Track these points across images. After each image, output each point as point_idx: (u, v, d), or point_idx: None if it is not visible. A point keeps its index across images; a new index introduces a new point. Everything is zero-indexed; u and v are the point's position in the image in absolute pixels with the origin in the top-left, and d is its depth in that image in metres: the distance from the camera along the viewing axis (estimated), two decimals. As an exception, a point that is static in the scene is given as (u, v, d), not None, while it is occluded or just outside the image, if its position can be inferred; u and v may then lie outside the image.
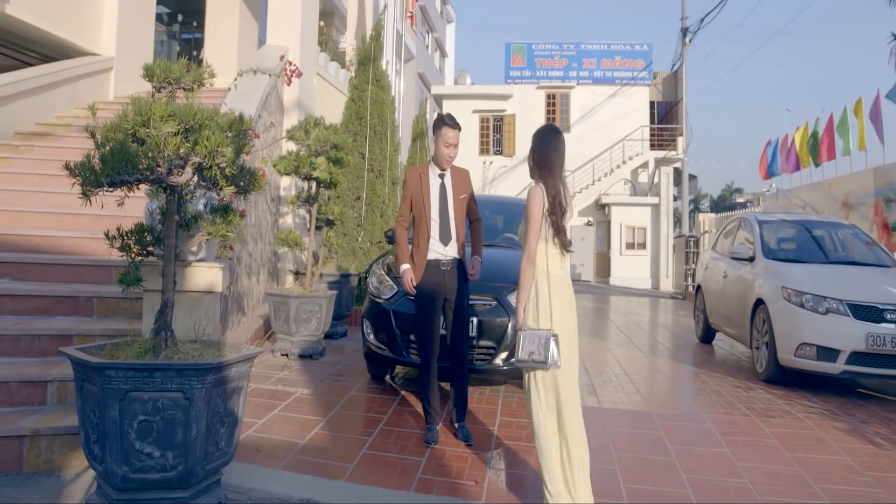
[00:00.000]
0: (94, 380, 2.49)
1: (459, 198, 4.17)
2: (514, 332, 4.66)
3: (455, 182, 4.16)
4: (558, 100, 26.41)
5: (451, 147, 4.05)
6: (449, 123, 4.04)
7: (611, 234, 24.67)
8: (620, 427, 4.55)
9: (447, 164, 4.12)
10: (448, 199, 4.12)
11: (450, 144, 4.04)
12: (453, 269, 4.06)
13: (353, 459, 3.58)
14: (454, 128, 4.04)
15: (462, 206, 4.17)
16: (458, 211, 4.14)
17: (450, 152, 4.07)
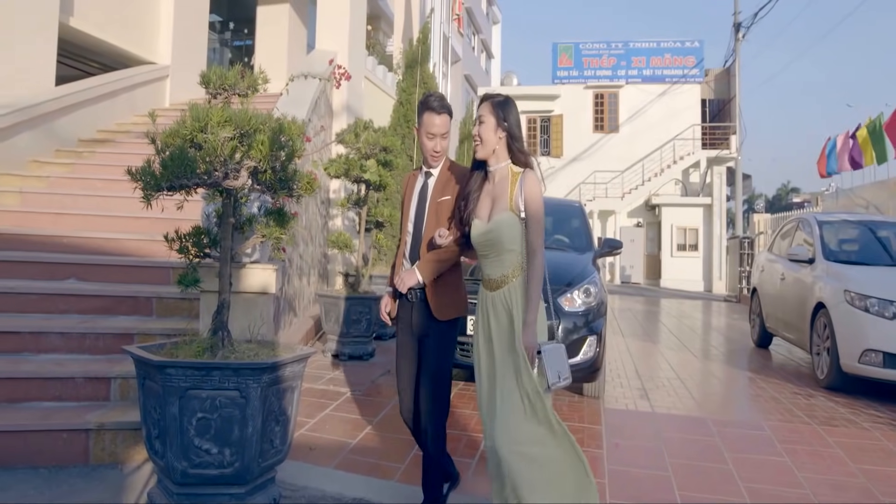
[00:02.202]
0: (155, 378, 2.56)
1: (437, 201, 2.98)
2: (565, 335, 4.63)
3: (440, 182, 3.01)
4: (606, 99, 26.07)
5: (435, 139, 2.97)
6: (433, 107, 2.97)
7: (661, 235, 24.20)
8: (674, 433, 4.45)
9: (434, 161, 3.04)
10: (425, 205, 3.02)
11: (433, 135, 2.97)
12: (421, 302, 2.95)
13: (403, 460, 3.60)
14: (440, 112, 2.95)
15: (440, 213, 2.96)
16: (432, 219, 2.97)
17: (434, 145, 2.99)
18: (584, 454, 2.60)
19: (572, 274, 5.00)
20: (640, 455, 3.97)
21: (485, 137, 2.66)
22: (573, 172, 25.63)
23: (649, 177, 25.01)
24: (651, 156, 25.34)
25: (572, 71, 26.59)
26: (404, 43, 12.91)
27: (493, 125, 2.64)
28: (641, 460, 3.87)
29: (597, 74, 26.46)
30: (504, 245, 2.60)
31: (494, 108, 2.66)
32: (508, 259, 2.61)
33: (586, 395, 5.14)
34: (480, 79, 29.97)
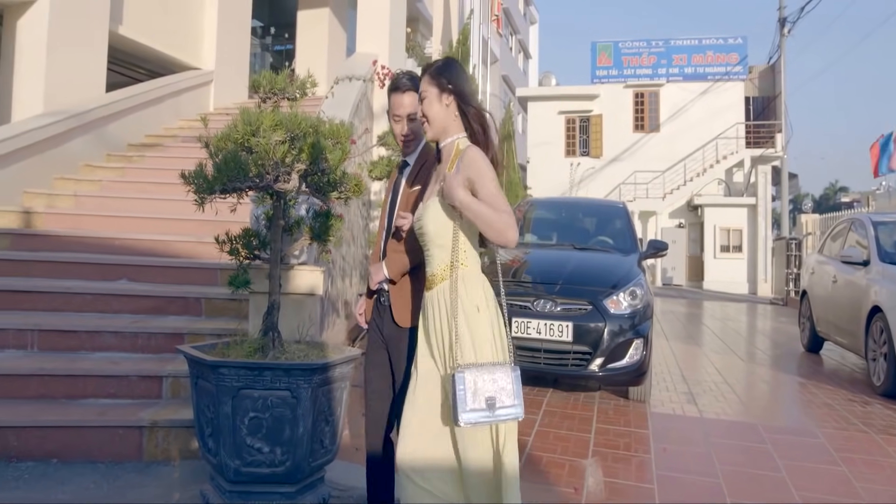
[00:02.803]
0: (208, 377, 2.61)
1: (408, 192, 2.56)
2: (611, 338, 4.57)
3: (414, 171, 2.57)
4: (647, 98, 25.69)
5: (401, 121, 2.54)
6: (397, 86, 2.55)
7: (704, 236, 23.72)
8: (723, 438, 4.35)
9: (406, 148, 2.59)
10: (397, 198, 2.61)
11: (399, 117, 2.54)
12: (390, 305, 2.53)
13: (448, 462, 3.59)
14: (404, 90, 2.52)
15: (409, 205, 2.50)
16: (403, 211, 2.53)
17: (400, 128, 2.55)
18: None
19: (617, 276, 4.94)
20: (689, 460, 3.89)
21: (430, 113, 2.22)
22: (613, 173, 25.32)
23: (691, 177, 24.55)
24: (693, 155, 24.87)
25: (611, 70, 26.27)
26: (443, 45, 12.94)
27: (436, 94, 2.20)
28: (691, 466, 3.79)
29: (637, 73, 26.10)
30: (429, 238, 2.17)
31: (434, 77, 2.22)
32: (437, 256, 2.16)
33: (632, 399, 5.06)
34: (518, 79, 29.87)
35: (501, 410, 1.99)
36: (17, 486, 3.10)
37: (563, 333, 4.56)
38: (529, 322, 4.61)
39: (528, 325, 4.60)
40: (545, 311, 4.66)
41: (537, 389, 5.27)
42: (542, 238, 6.23)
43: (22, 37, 7.89)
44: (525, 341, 4.63)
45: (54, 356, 3.99)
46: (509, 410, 2.00)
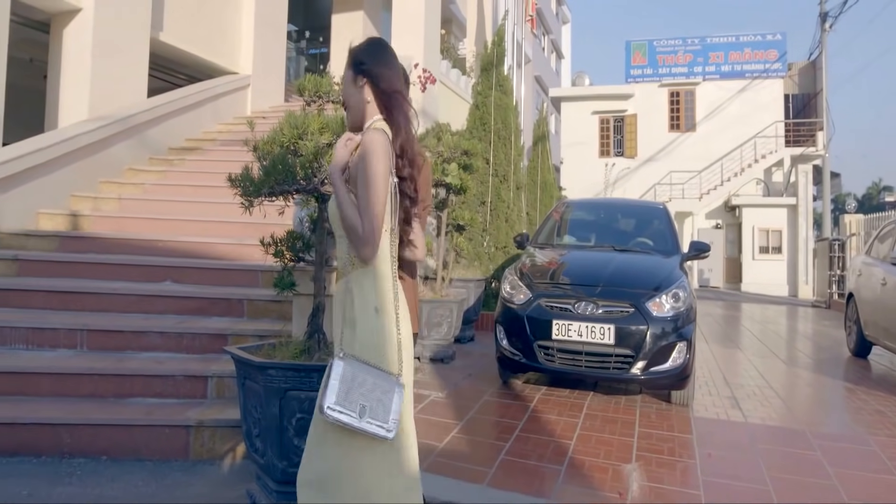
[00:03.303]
0: (256, 378, 2.63)
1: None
2: (653, 341, 4.50)
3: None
4: (683, 97, 25.30)
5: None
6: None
7: (742, 237, 23.24)
8: (770, 444, 4.24)
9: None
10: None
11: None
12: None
13: (492, 464, 3.57)
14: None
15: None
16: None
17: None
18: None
19: (659, 278, 4.86)
20: (735, 467, 3.80)
21: (346, 98, 2.07)
22: (648, 173, 25.00)
23: (728, 176, 24.09)
24: (730, 155, 24.41)
25: (646, 69, 25.95)
26: (477, 46, 12.94)
27: (351, 77, 2.04)
28: (738, 472, 3.70)
29: (672, 72, 25.73)
30: (334, 227, 2.04)
31: (349, 58, 2.08)
32: (339, 247, 2.02)
33: (674, 403, 4.97)
34: (550, 79, 29.69)
35: (369, 423, 1.81)
36: (69, 482, 3.17)
37: (604, 336, 4.50)
38: (570, 324, 4.56)
39: (569, 327, 4.55)
40: (586, 313, 4.60)
41: (577, 392, 5.21)
42: (580, 239, 6.17)
43: (68, 45, 8.11)
44: (566, 344, 4.58)
45: (103, 356, 4.09)
46: (376, 428, 1.82)
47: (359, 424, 1.80)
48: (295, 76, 14.74)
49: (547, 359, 4.66)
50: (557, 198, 13.65)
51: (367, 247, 1.85)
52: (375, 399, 1.82)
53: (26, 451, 3.45)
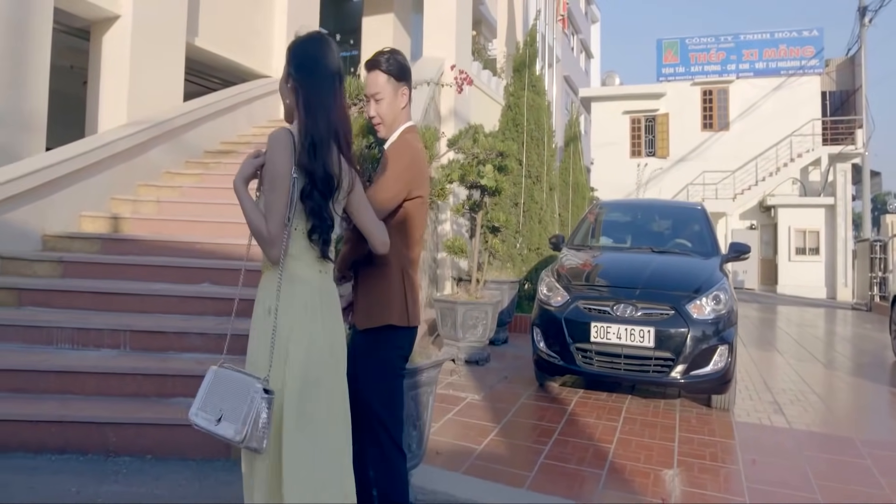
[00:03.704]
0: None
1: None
2: (694, 344, 4.42)
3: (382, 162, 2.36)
4: (715, 95, 24.88)
5: (369, 102, 2.35)
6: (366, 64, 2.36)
7: (777, 238, 22.76)
8: (817, 452, 4.14)
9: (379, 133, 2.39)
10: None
11: (367, 97, 2.37)
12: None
13: (531, 468, 3.54)
14: (369, 69, 2.33)
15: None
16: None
17: (368, 110, 2.38)
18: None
19: (700, 280, 4.78)
20: (781, 474, 3.71)
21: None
22: (680, 173, 24.63)
23: (763, 176, 23.62)
24: (765, 154, 23.93)
25: (678, 67, 25.59)
26: (508, 46, 12.89)
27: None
28: (784, 480, 3.61)
29: (704, 70, 25.33)
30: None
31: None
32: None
33: (715, 408, 4.88)
34: (580, 79, 29.48)
35: (224, 429, 1.82)
36: (115, 481, 3.22)
37: (644, 339, 4.44)
38: (609, 327, 4.50)
39: (608, 329, 4.50)
40: (625, 315, 4.54)
41: (615, 396, 5.15)
42: (616, 241, 6.10)
43: (107, 51, 8.27)
44: (605, 346, 4.53)
45: (146, 356, 4.15)
46: (232, 434, 1.80)
47: (214, 429, 1.83)
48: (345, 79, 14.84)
49: (585, 362, 4.61)
50: (589, 199, 13.53)
51: (273, 248, 1.86)
52: (231, 405, 1.82)
53: (74, 448, 3.52)
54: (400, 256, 2.23)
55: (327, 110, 1.90)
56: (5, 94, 6.70)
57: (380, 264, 2.23)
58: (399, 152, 2.24)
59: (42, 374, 3.91)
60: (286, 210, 1.85)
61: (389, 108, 2.29)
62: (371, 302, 2.26)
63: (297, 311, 1.90)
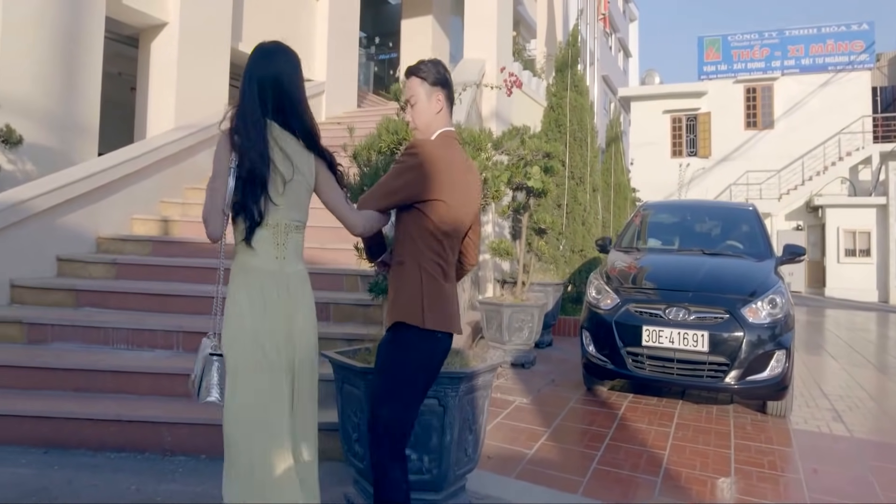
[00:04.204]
0: (356, 383, 2.64)
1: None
2: (750, 349, 4.30)
3: None
4: (759, 93, 24.31)
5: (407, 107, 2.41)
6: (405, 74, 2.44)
7: (825, 239, 22.08)
8: (882, 461, 3.98)
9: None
10: None
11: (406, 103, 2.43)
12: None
13: (584, 474, 3.48)
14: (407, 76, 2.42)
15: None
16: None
17: (405, 115, 2.51)
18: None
19: (754, 283, 4.65)
20: (844, 484, 3.58)
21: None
22: (723, 173, 24.11)
23: (810, 175, 22.97)
24: (812, 152, 23.27)
25: (720, 65, 25.07)
26: (548, 47, 12.79)
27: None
28: (848, 490, 3.49)
29: (748, 67, 24.76)
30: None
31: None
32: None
33: (770, 414, 4.74)
34: (618, 79, 29.12)
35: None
36: (173, 479, 3.27)
37: (697, 343, 4.34)
38: (661, 331, 4.41)
39: (661, 333, 4.41)
40: (678, 319, 4.44)
41: (666, 401, 5.05)
42: (666, 243, 5.98)
43: (155, 57, 8.47)
44: (656, 350, 4.44)
45: (198, 357, 4.21)
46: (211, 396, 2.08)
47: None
48: (365, 82, 14.97)
49: (636, 366, 4.52)
50: (631, 200, 13.34)
51: (206, 227, 2.08)
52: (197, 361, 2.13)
53: (131, 447, 3.59)
54: (418, 255, 2.22)
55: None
56: (60, 100, 6.91)
57: (398, 261, 2.29)
58: (399, 161, 2.27)
59: (100, 374, 4.00)
60: (213, 199, 2.05)
61: (423, 113, 2.32)
62: (390, 298, 2.30)
63: (240, 298, 2.09)
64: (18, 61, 6.41)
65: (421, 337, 2.20)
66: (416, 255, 2.22)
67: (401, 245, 2.27)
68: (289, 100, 2.13)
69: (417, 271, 2.22)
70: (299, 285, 2.14)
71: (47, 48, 6.69)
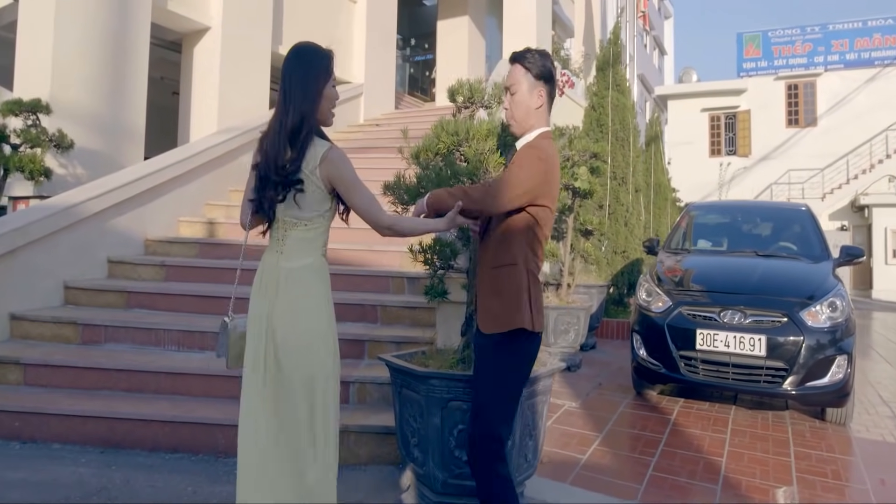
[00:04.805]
0: (416, 388, 2.61)
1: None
2: (809, 354, 4.17)
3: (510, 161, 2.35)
4: (801, 90, 23.72)
5: (506, 95, 2.31)
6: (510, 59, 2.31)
7: (872, 240, 21.41)
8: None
9: (510, 128, 2.33)
10: None
11: (505, 89, 2.31)
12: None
13: (641, 480, 3.40)
14: (511, 62, 2.29)
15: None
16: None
17: (504, 102, 2.34)
18: None
19: (812, 286, 4.49)
20: (915, 496, 3.43)
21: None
22: (763, 172, 23.56)
23: (855, 174, 22.32)
24: (858, 150, 22.61)
25: (760, 62, 24.54)
26: (586, 45, 12.65)
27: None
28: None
29: (789, 63, 24.18)
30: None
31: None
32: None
33: (829, 421, 4.58)
34: (653, 77, 28.70)
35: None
36: (228, 481, 3.28)
37: (754, 347, 4.21)
38: (717, 334, 4.30)
39: (716, 337, 4.29)
40: (733, 322, 4.32)
41: (718, 406, 4.92)
42: (716, 244, 5.84)
43: (198, 61, 8.61)
44: (711, 354, 4.32)
45: (248, 359, 4.23)
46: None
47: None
48: (400, 84, 14.99)
49: (689, 370, 4.42)
50: (671, 200, 13.11)
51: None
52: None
53: (185, 448, 3.62)
54: (527, 259, 2.18)
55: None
56: (109, 106, 7.05)
57: (508, 264, 2.18)
58: (529, 158, 2.17)
59: (153, 375, 4.05)
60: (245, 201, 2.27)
61: (521, 105, 2.22)
62: (499, 303, 2.18)
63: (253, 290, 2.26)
64: (69, 67, 6.56)
65: (530, 340, 2.17)
66: (525, 258, 2.17)
67: (507, 247, 2.18)
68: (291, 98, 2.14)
69: (525, 274, 2.17)
70: (291, 280, 2.16)
71: (96, 54, 6.84)
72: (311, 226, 2.17)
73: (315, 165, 2.11)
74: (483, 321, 2.22)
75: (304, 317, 2.16)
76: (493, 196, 2.15)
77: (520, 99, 2.23)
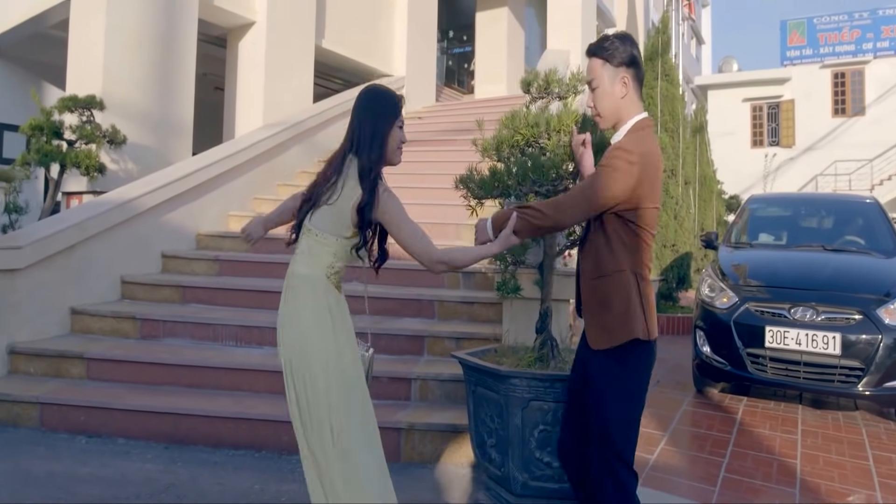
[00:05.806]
0: (494, 387, 2.55)
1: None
2: (888, 353, 3.99)
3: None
4: (849, 78, 22.96)
5: (588, 92, 2.22)
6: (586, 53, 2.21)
7: (923, 231, 20.69)
8: None
9: (599, 126, 2.24)
10: None
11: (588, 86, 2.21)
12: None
13: (714, 482, 3.29)
14: (588, 56, 2.17)
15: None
16: None
17: (587, 99, 2.24)
18: None
19: (888, 282, 4.30)
20: None
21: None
22: (808, 163, 22.89)
23: (906, 164, 21.58)
24: (909, 140, 21.85)
25: (805, 49, 23.85)
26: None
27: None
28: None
29: (835, 51, 23.45)
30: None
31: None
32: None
33: (906, 423, 4.40)
34: (691, 67, 28.08)
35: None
36: (293, 479, 3.26)
37: (828, 346, 4.05)
38: (787, 332, 4.14)
39: (786, 334, 4.14)
40: (804, 319, 4.16)
41: (784, 405, 4.76)
42: (779, 238, 5.64)
43: (243, 56, 8.64)
44: (780, 353, 4.17)
45: (307, 354, 4.21)
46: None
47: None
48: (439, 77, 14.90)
49: (757, 368, 4.27)
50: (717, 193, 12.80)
51: None
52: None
53: (248, 444, 3.62)
54: (634, 263, 2.04)
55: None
56: (159, 102, 7.11)
57: (614, 271, 2.04)
58: (612, 164, 1.99)
59: (214, 371, 4.06)
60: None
61: (606, 98, 2.08)
62: (608, 315, 2.04)
63: None
64: (120, 64, 6.62)
65: (647, 350, 2.05)
66: (633, 264, 2.03)
67: (609, 254, 2.04)
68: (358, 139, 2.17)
69: (634, 280, 2.03)
70: (294, 286, 2.19)
71: (146, 51, 6.89)
72: (320, 238, 2.15)
73: (356, 202, 2.09)
74: (592, 336, 2.08)
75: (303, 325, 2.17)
76: (567, 210, 2.04)
77: (602, 92, 2.10)
